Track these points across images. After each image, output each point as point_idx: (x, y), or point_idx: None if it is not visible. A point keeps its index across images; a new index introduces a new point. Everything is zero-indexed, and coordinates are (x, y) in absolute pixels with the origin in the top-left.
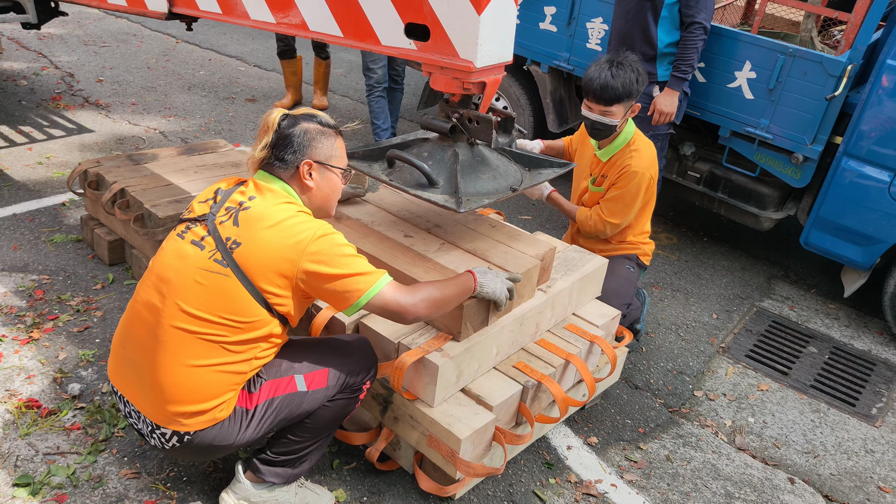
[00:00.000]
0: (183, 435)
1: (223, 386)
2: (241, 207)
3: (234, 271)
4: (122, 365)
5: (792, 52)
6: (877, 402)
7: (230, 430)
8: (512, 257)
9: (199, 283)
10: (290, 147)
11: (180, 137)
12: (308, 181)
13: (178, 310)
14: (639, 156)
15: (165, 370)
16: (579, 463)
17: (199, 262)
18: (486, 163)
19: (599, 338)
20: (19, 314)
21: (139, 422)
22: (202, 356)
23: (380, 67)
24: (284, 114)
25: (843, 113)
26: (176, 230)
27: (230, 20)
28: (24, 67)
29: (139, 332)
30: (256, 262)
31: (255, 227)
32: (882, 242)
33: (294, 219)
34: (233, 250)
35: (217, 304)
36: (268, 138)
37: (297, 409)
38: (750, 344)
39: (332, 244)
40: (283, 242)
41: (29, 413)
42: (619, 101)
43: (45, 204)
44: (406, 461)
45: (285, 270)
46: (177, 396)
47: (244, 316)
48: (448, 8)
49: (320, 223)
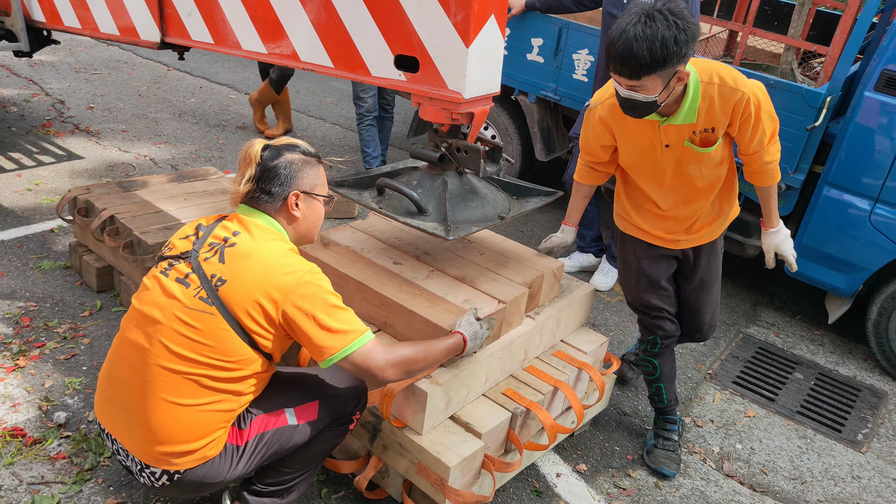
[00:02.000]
0: (173, 474)
1: (212, 424)
2: (226, 244)
3: (219, 309)
4: (108, 403)
5: (773, 83)
6: (862, 428)
7: (221, 468)
8: (500, 284)
9: (186, 323)
10: (276, 179)
11: (171, 164)
12: (295, 212)
13: (164, 350)
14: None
15: (153, 411)
16: (568, 490)
17: (185, 300)
18: (475, 191)
19: (588, 364)
20: (5, 341)
21: (127, 460)
22: (190, 395)
23: (370, 97)
24: (265, 144)
25: (824, 143)
26: (158, 268)
27: (222, 50)
28: (14, 94)
29: (125, 373)
30: (241, 300)
31: (241, 264)
32: (864, 270)
33: (283, 259)
34: (218, 288)
35: (203, 344)
36: (251, 171)
37: (287, 443)
38: (737, 370)
39: (319, 290)
40: (271, 282)
41: (14, 442)
42: (649, 73)
43: (33, 230)
44: (395, 490)
45: (270, 310)
46: (165, 437)
47: (230, 354)
48: (437, 40)
49: (309, 266)
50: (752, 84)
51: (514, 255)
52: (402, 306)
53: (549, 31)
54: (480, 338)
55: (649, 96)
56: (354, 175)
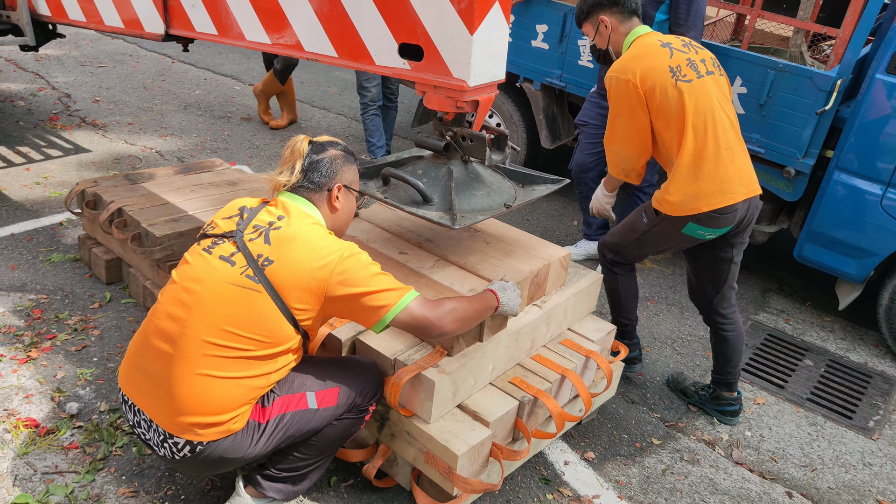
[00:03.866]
0: (196, 445)
1: (240, 399)
2: (271, 227)
3: (265, 288)
4: (136, 374)
5: (782, 67)
6: (874, 415)
7: (241, 443)
8: (504, 272)
9: (229, 298)
10: (321, 171)
11: (176, 156)
12: (336, 203)
13: (203, 322)
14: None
15: (185, 381)
16: (576, 478)
17: (230, 276)
18: (480, 180)
19: (595, 352)
20: (17, 333)
21: (150, 431)
22: (223, 368)
23: (374, 86)
24: (310, 140)
25: (834, 127)
26: (200, 245)
27: (226, 41)
28: (21, 88)
29: (159, 343)
30: (288, 280)
31: (287, 246)
32: (875, 255)
33: (324, 240)
34: (265, 267)
35: (245, 319)
36: (300, 163)
37: (305, 426)
38: (746, 357)
39: (359, 263)
40: (315, 263)
41: (27, 432)
42: (582, 20)
43: (42, 223)
44: (403, 478)
45: (315, 289)
46: (193, 407)
47: (271, 331)
48: (441, 28)
49: (348, 244)
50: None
51: (520, 244)
52: None
53: (553, 17)
54: (511, 294)
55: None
56: (360, 165)
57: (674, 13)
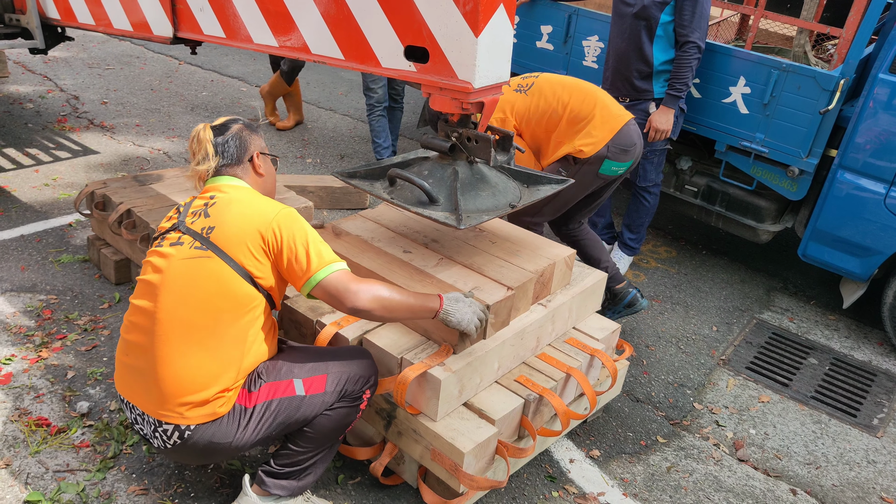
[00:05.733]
0: (184, 430)
1: (220, 371)
2: (207, 206)
3: (214, 252)
4: (125, 373)
5: (785, 67)
6: (878, 413)
7: (229, 428)
8: (508, 271)
9: (185, 273)
10: (236, 147)
11: (184, 158)
12: (260, 170)
13: (169, 303)
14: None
15: (164, 364)
16: (582, 476)
17: (182, 254)
18: (486, 180)
19: (600, 351)
20: (28, 333)
21: (143, 424)
22: (195, 343)
23: (380, 87)
24: (205, 125)
25: (838, 126)
26: (152, 246)
27: (234, 44)
28: (29, 91)
29: (136, 337)
30: (232, 237)
31: (225, 210)
32: (879, 253)
33: (261, 199)
34: (209, 235)
35: (204, 288)
36: (210, 148)
37: (294, 414)
38: (750, 356)
39: (297, 222)
40: (255, 217)
41: (39, 431)
42: None
43: (51, 225)
44: (410, 475)
45: (259, 241)
46: (175, 388)
47: (231, 293)
48: (446, 31)
49: (287, 206)
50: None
51: (525, 244)
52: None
53: (558, 18)
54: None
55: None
56: (366, 166)
57: (678, 14)
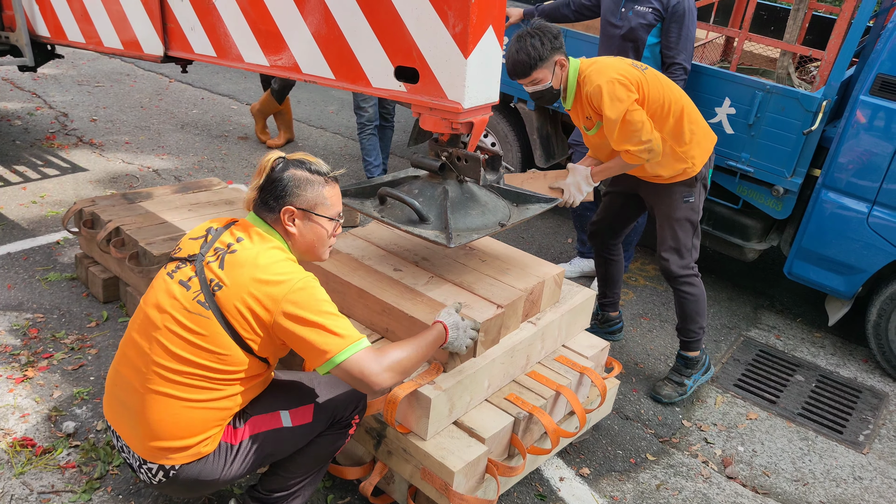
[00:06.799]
0: (168, 469)
1: (208, 422)
2: (228, 249)
3: (214, 314)
4: (113, 402)
5: (769, 88)
6: (864, 430)
7: (215, 466)
8: (498, 289)
9: (183, 325)
10: (274, 192)
11: (174, 175)
12: (290, 227)
13: (163, 350)
14: (592, 75)
15: (151, 407)
16: (572, 494)
17: (185, 302)
18: (475, 199)
19: (589, 369)
20: (14, 353)
21: (130, 456)
22: (186, 393)
23: (370, 106)
24: (280, 157)
25: (821, 146)
26: (166, 269)
27: (225, 63)
28: (18, 107)
29: (127, 372)
30: (236, 306)
31: (238, 270)
32: (863, 272)
33: (277, 266)
34: (215, 292)
35: (199, 346)
36: (259, 180)
37: (282, 445)
38: (738, 373)
39: (311, 298)
40: (263, 289)
41: (23, 452)
42: (533, 70)
43: (39, 243)
44: (400, 495)
45: (262, 316)
46: (161, 432)
47: (225, 358)
48: (436, 52)
49: (304, 275)
50: (607, 71)
51: (515, 262)
52: (403, 313)
53: None
54: (463, 330)
55: (544, 85)
56: (356, 184)
57: (664, 36)
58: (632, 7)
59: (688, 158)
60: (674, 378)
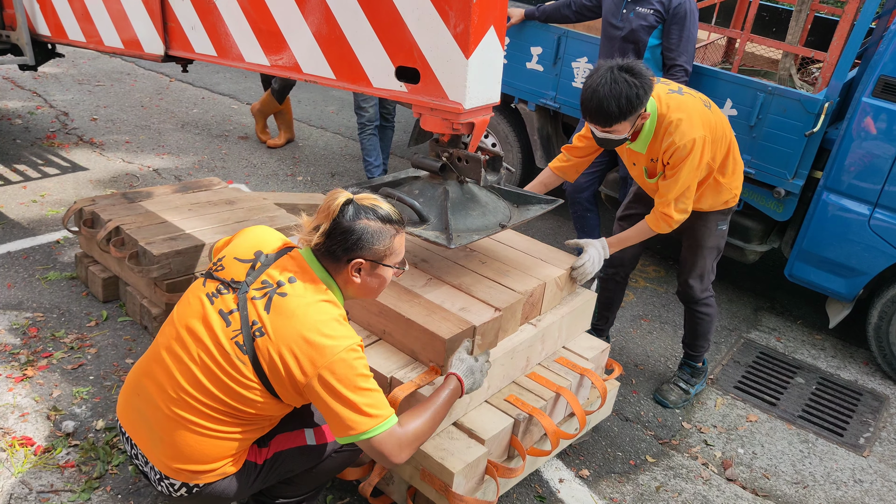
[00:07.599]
0: (192, 487)
1: (235, 448)
2: (277, 288)
3: (250, 359)
4: (131, 411)
5: (771, 90)
6: (864, 432)
7: (238, 483)
8: (497, 292)
9: (218, 364)
10: (344, 243)
11: (174, 175)
12: (355, 278)
13: (195, 382)
14: (684, 127)
15: (177, 434)
16: (571, 496)
17: (223, 339)
18: (476, 200)
19: (590, 370)
20: (13, 352)
21: (146, 467)
22: (215, 426)
23: (371, 106)
24: (349, 199)
25: (823, 148)
26: (206, 287)
27: (225, 62)
28: (18, 106)
29: (153, 390)
30: (273, 356)
31: (284, 322)
32: (864, 274)
33: (327, 326)
34: (255, 338)
35: (232, 389)
36: (326, 225)
37: (304, 461)
38: (738, 375)
39: (352, 370)
40: (308, 351)
41: (23, 451)
42: (618, 121)
43: (39, 242)
44: (399, 496)
45: (298, 377)
46: (187, 457)
47: (255, 404)
48: (437, 52)
49: (349, 342)
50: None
51: (516, 264)
52: (400, 315)
53: (548, 39)
54: (479, 371)
55: (620, 136)
56: (357, 184)
57: (666, 38)
58: (633, 8)
59: (732, 189)
60: (681, 385)
